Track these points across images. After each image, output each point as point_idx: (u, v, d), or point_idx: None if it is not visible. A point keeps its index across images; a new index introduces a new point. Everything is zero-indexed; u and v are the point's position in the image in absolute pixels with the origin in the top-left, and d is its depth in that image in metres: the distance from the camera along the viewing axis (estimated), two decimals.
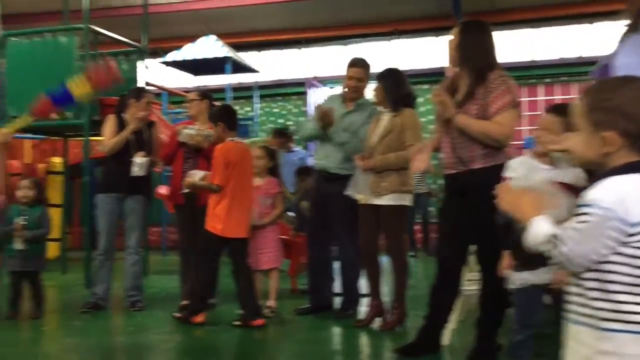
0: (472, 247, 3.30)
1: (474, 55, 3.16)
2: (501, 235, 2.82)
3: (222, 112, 4.53)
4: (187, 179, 4.41)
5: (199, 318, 4.25)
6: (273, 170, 4.74)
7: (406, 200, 4.07)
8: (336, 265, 4.82)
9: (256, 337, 4.16)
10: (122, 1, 10.81)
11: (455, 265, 3.30)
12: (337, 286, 4.80)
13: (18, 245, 4.43)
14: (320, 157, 4.65)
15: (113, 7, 10.81)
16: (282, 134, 7.83)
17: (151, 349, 3.80)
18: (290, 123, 12.59)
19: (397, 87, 4.12)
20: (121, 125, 4.92)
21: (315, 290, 4.70)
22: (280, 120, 12.83)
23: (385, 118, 4.13)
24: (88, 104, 6.15)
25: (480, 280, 3.21)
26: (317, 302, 4.65)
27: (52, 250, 7.96)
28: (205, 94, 5.15)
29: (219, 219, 4.21)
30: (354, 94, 4.57)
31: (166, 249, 9.86)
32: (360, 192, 4.10)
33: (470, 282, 3.58)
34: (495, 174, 2.92)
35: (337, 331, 4.21)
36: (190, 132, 4.68)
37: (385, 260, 4.22)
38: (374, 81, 4.29)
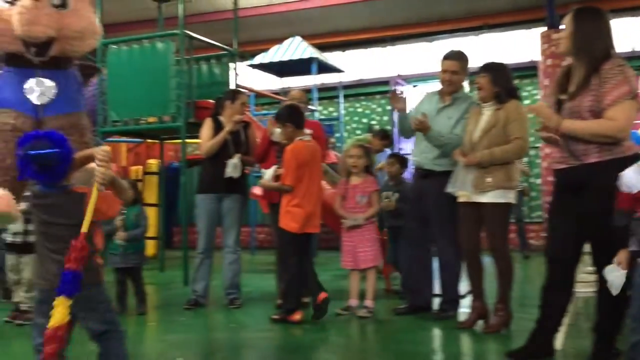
0: (586, 246, 3.12)
1: (588, 43, 2.98)
2: (619, 234, 2.65)
3: (289, 112, 4.54)
4: (261, 180, 4.50)
5: (296, 316, 4.28)
6: (368, 169, 4.70)
7: (510, 197, 3.91)
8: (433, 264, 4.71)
9: (354, 336, 4.15)
10: (211, 7, 11.10)
11: (568, 265, 3.13)
12: (436, 286, 4.70)
13: (119, 242, 4.65)
14: (416, 154, 4.58)
15: (203, 12, 11.13)
16: (386, 136, 7.76)
17: (253, 346, 3.84)
18: (374, 123, 12.51)
19: (504, 79, 3.98)
20: (218, 127, 5.01)
21: (413, 290, 4.61)
22: (364, 120, 12.78)
23: (488, 112, 3.99)
24: (184, 108, 6.36)
25: (597, 281, 3.02)
26: (416, 302, 4.56)
27: (150, 248, 8.30)
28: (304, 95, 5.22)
29: (292, 217, 4.29)
30: (449, 88, 4.45)
31: (255, 248, 10.06)
32: (462, 188, 3.98)
33: (584, 283, 3.38)
34: (612, 169, 2.75)
35: (437, 332, 4.10)
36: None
37: (486, 260, 4.08)
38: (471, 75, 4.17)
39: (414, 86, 12.23)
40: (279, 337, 4.02)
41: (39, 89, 2.74)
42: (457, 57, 4.44)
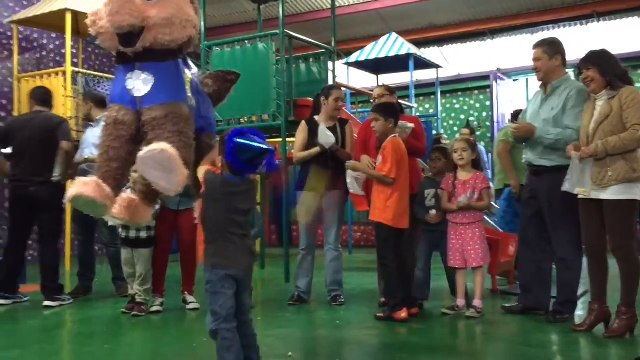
0: None
1: None
2: None
3: (391, 108, 4.49)
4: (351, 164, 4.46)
5: (402, 314, 4.20)
6: (476, 164, 4.54)
7: (635, 192, 3.61)
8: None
9: (462, 337, 4.01)
10: (309, 7, 11.21)
11: None
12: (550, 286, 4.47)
13: None
14: (525, 150, 4.37)
15: (301, 13, 11.26)
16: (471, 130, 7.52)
17: (358, 343, 3.79)
18: (472, 119, 12.16)
19: (612, 66, 3.73)
20: (313, 129, 5.02)
21: (526, 289, 4.40)
22: (462, 116, 12.46)
23: (600, 102, 3.73)
24: (284, 107, 6.44)
25: None
26: (527, 301, 4.35)
27: None
28: (392, 89, 5.11)
29: (390, 211, 4.23)
30: (538, 76, 4.30)
31: (352, 246, 10.04)
32: (580, 185, 3.74)
33: None
34: None
35: (553, 335, 3.87)
36: None
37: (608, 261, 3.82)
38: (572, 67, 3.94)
39: (515, 80, 11.78)
40: (384, 335, 3.95)
41: (136, 81, 2.77)
42: (540, 44, 4.31)
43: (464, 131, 8.25)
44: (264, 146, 2.61)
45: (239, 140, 2.57)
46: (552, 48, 4.25)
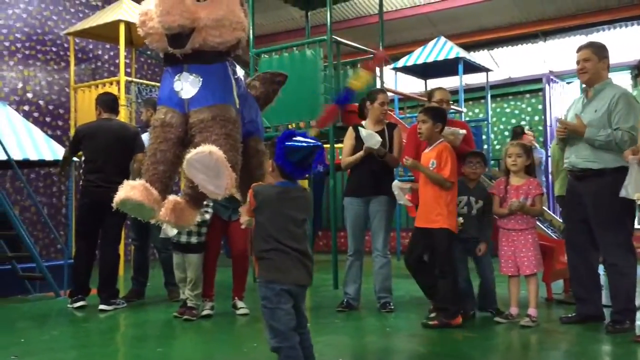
0: None
1: None
2: None
3: (440, 112, 4.44)
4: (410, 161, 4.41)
5: (456, 320, 4.13)
6: (529, 169, 4.43)
7: None
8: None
9: (517, 347, 3.90)
10: (356, 12, 11.20)
11: None
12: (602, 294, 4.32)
13: None
14: (568, 154, 4.23)
15: (348, 19, 11.26)
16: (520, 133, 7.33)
17: (409, 351, 3.74)
18: (524, 123, 11.88)
19: None
20: (360, 136, 4.98)
21: (581, 297, 4.26)
22: (513, 121, 12.19)
23: None
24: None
25: None
26: (584, 310, 4.20)
27: None
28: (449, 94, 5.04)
29: (453, 216, 4.21)
30: (583, 77, 4.18)
31: (401, 253, 9.93)
32: (638, 190, 3.60)
33: None
34: None
35: (611, 345, 3.73)
36: (445, 131, 4.57)
37: None
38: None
39: (568, 83, 11.46)
40: (434, 343, 3.87)
41: (184, 84, 2.76)
42: (587, 46, 4.21)
43: (526, 137, 8.03)
44: (313, 143, 2.57)
45: (288, 141, 2.54)
46: (601, 50, 4.16)
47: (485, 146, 10.01)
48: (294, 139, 2.56)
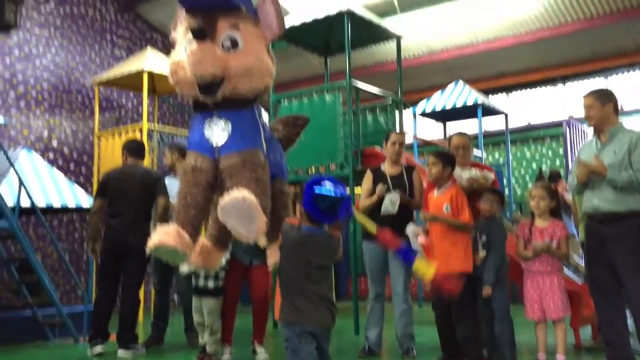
0: None
1: None
2: None
3: (450, 157, 4.49)
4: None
5: None
6: (555, 211, 4.36)
7: None
8: None
9: None
10: (374, 59, 11.37)
11: None
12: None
13: None
14: (589, 198, 4.16)
15: (366, 66, 11.43)
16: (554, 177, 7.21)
17: None
18: (545, 168, 11.80)
19: None
20: (378, 178, 5.00)
21: (610, 343, 4.11)
22: (534, 165, 12.11)
23: None
24: (352, 156, 6.46)
25: None
26: (615, 356, 4.05)
27: None
28: (470, 138, 5.04)
29: (470, 259, 4.16)
30: (590, 123, 4.20)
31: (422, 299, 9.75)
32: None
33: None
34: None
35: None
36: (474, 175, 4.56)
37: None
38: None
39: (590, 126, 11.40)
40: None
41: (214, 130, 2.80)
42: (589, 94, 4.23)
43: (562, 182, 7.93)
44: (341, 193, 2.60)
45: (316, 188, 2.57)
46: (603, 96, 4.18)
47: (507, 190, 9.93)
48: (323, 186, 2.60)
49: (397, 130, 7.12)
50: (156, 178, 5.50)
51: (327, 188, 2.59)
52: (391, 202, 4.81)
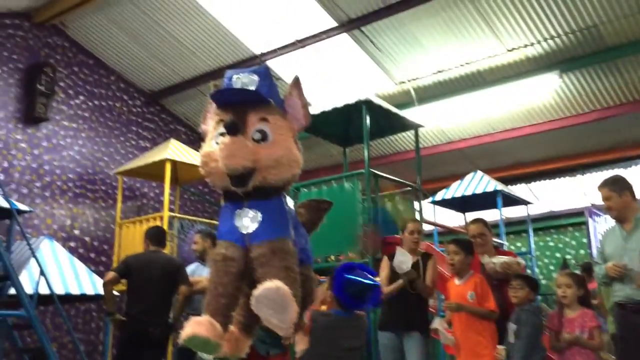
0: None
1: None
2: None
3: (469, 245, 4.53)
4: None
5: None
6: (584, 300, 4.22)
7: None
8: None
9: None
10: (392, 149, 11.54)
11: None
12: None
13: None
14: (620, 287, 4.05)
15: (385, 155, 11.58)
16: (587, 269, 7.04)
17: None
18: (569, 257, 11.59)
19: None
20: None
21: None
22: (557, 254, 11.90)
23: None
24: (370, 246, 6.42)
25: None
26: None
27: None
28: (489, 226, 5.01)
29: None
30: (612, 214, 4.21)
31: None
32: None
33: None
34: None
35: None
36: (508, 260, 4.51)
37: None
38: None
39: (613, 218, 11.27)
40: None
41: (244, 219, 2.85)
42: (603, 185, 4.25)
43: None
44: (371, 281, 2.63)
45: (346, 274, 2.60)
46: (617, 185, 4.19)
47: None
48: (353, 272, 2.62)
49: (417, 218, 7.09)
50: (179, 266, 5.51)
51: (358, 274, 2.61)
52: (401, 261, 4.77)
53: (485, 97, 9.68)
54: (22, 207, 7.59)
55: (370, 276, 2.66)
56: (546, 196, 12.06)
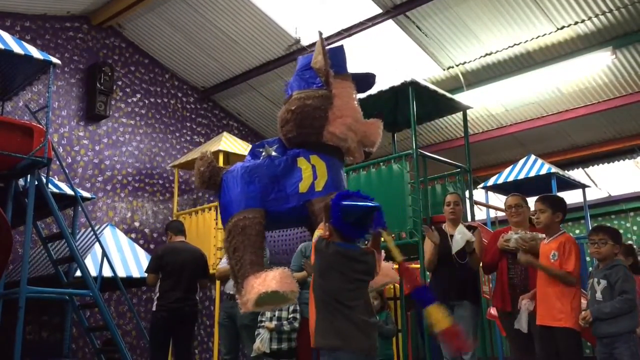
0: None
1: None
2: None
3: (559, 201, 4.32)
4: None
5: None
6: (635, 268, 4.14)
7: None
8: None
9: None
10: (441, 137, 11.46)
11: None
12: None
13: None
14: None
15: (434, 143, 11.51)
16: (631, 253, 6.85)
17: None
18: (631, 242, 11.20)
19: None
20: (440, 236, 5.12)
21: None
22: None
23: None
24: (420, 223, 6.44)
25: None
26: None
27: None
28: (526, 200, 4.99)
29: (577, 315, 3.82)
30: None
31: None
32: None
33: None
34: None
35: None
36: (525, 236, 4.43)
37: None
38: None
39: None
40: None
41: None
42: None
43: None
44: (370, 204, 2.49)
45: (343, 203, 2.46)
46: None
47: (590, 268, 9.45)
48: (350, 198, 2.49)
49: (467, 200, 7.07)
50: (205, 258, 6.19)
51: (355, 200, 2.46)
52: (460, 236, 4.89)
53: (535, 79, 9.51)
54: (85, 194, 7.98)
55: (369, 200, 2.48)
56: (604, 180, 11.70)
